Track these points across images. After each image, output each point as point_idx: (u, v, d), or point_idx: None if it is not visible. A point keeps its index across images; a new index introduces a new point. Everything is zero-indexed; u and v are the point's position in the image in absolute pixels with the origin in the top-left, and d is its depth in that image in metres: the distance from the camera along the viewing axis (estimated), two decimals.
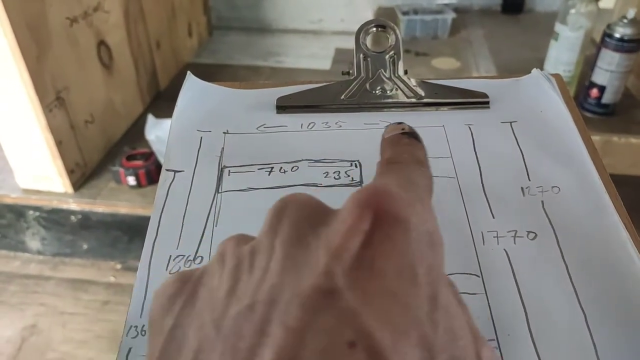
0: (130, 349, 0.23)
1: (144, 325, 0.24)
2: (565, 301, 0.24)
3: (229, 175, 0.30)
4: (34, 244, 1.13)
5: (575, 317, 0.23)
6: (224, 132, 0.32)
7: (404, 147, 0.21)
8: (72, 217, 1.06)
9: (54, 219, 1.07)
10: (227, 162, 0.30)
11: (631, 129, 1.00)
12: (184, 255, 0.26)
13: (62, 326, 1.02)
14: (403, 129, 0.22)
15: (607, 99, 1.00)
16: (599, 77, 0.99)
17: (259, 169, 0.30)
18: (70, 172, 1.02)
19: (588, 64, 1.01)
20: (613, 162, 1.00)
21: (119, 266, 1.10)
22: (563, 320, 0.23)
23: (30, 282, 1.10)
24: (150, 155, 1.05)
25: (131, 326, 0.24)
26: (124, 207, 1.02)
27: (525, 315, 0.24)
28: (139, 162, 1.04)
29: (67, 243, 1.11)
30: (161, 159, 1.04)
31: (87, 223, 1.06)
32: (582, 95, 1.04)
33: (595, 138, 0.97)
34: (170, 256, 0.26)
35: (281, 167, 0.30)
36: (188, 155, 0.31)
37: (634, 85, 1.10)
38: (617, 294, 0.24)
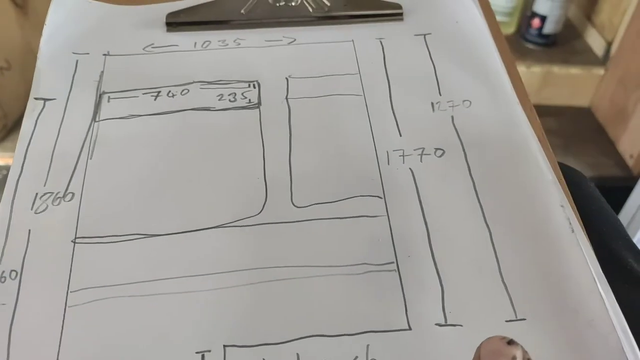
0: None
1: (3, 272, 0.21)
2: (470, 219, 0.22)
3: (108, 101, 0.26)
4: None
5: (480, 235, 0.22)
6: (105, 54, 0.28)
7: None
8: None
9: None
10: (107, 87, 0.27)
11: (571, 60, 1.00)
12: (52, 193, 0.23)
13: None
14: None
15: (548, 29, 0.99)
16: (541, 6, 0.97)
17: (143, 94, 0.27)
18: None
19: None
20: (554, 93, 1.00)
21: None
22: (466, 238, 0.22)
23: None
24: None
25: None
26: None
27: (427, 235, 0.22)
28: None
29: None
30: None
31: None
32: (524, 26, 1.02)
33: (536, 69, 0.97)
34: (37, 194, 0.23)
35: (169, 91, 0.27)
36: (61, 81, 0.27)
37: (574, 15, 1.09)
38: (526, 210, 0.23)
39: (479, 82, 0.27)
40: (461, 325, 0.20)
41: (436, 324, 0.20)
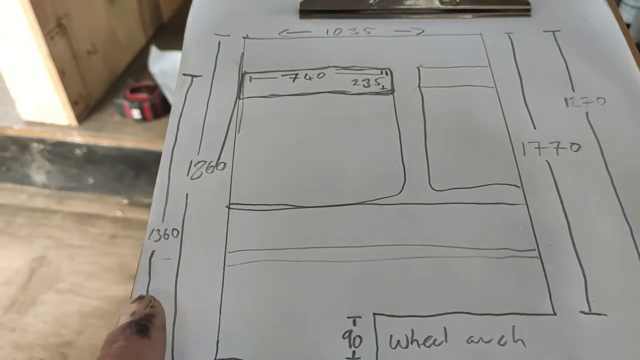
0: (153, 252, 0.22)
1: (166, 229, 0.23)
2: (609, 213, 0.23)
3: (250, 81, 0.28)
4: (39, 177, 1.12)
5: (620, 230, 0.22)
6: (244, 37, 0.30)
7: (117, 350, 0.15)
8: (77, 151, 1.04)
9: (58, 152, 1.06)
10: (248, 67, 0.28)
11: None
12: (205, 161, 0.25)
13: (71, 258, 1.03)
14: (132, 317, 0.16)
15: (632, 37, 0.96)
16: (624, 13, 0.94)
17: (282, 76, 0.28)
18: (74, 103, 1.00)
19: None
20: None
21: (125, 201, 1.10)
22: (607, 233, 0.22)
23: (37, 215, 1.10)
24: (154, 89, 1.02)
25: (153, 230, 0.23)
26: (130, 141, 1.00)
27: (568, 226, 0.22)
28: (143, 95, 1.01)
29: (72, 177, 1.10)
30: (166, 93, 1.01)
31: (93, 157, 1.05)
32: None
33: None
34: (192, 162, 0.25)
35: (306, 74, 0.28)
36: (206, 60, 0.29)
37: None
38: None
39: (613, 80, 0.27)
40: (606, 315, 0.20)
41: (580, 312, 0.20)
